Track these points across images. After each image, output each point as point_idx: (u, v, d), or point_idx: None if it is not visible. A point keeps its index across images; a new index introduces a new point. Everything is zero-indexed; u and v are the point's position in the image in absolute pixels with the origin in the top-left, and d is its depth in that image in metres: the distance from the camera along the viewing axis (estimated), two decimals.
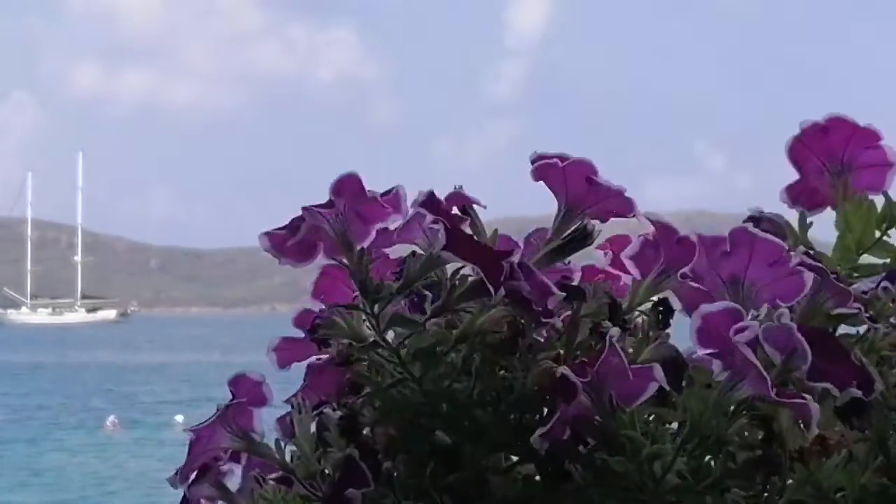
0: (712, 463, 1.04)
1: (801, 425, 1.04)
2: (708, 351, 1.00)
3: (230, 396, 1.14)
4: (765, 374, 0.97)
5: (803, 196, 1.26)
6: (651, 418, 1.07)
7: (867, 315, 1.09)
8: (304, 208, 1.08)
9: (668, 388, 1.03)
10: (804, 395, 0.98)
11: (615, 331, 1.02)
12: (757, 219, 1.21)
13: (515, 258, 1.07)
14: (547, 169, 1.15)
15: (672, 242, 1.11)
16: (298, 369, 1.21)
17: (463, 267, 1.08)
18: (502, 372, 1.09)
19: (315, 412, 1.14)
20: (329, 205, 1.09)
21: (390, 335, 1.09)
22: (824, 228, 1.26)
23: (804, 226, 1.23)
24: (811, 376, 0.99)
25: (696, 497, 1.03)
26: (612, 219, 1.17)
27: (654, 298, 1.14)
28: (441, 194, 1.13)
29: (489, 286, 1.04)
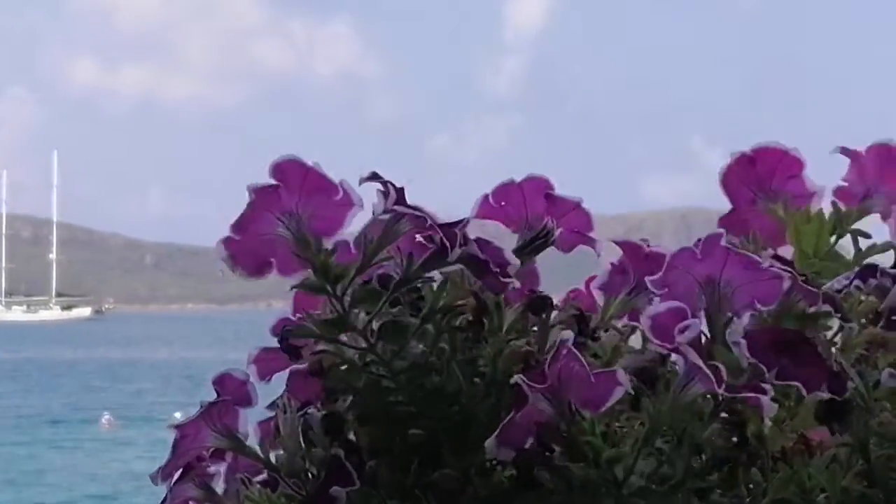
0: (675, 462, 1.04)
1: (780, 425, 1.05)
2: (665, 346, 1.01)
3: (215, 395, 1.14)
4: (707, 372, 0.98)
5: (736, 227, 1.28)
6: (622, 421, 1.07)
7: (839, 315, 1.10)
8: (250, 213, 1.07)
9: (632, 392, 1.03)
10: (761, 387, 0.99)
11: (567, 334, 1.03)
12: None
13: (466, 228, 1.08)
14: (505, 189, 1.20)
15: (640, 259, 1.13)
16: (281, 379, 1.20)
17: None
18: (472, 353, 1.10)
19: (299, 414, 1.13)
20: (276, 196, 1.06)
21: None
22: None
23: (757, 242, 1.24)
24: (780, 377, 1.00)
25: (659, 498, 1.03)
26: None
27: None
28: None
29: (446, 243, 1.05)
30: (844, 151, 1.29)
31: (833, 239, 1.26)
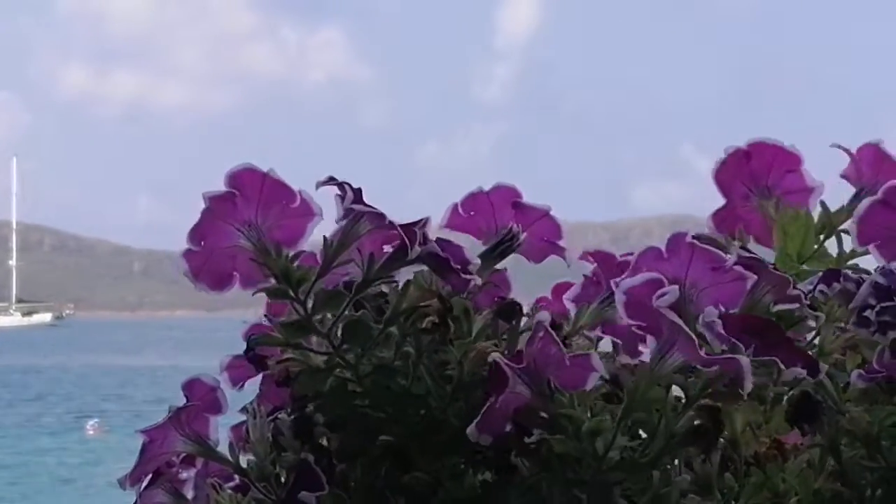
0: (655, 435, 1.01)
1: (752, 428, 1.04)
2: (637, 323, 0.99)
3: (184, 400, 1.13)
4: (691, 334, 0.95)
5: (727, 222, 1.27)
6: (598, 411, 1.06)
7: (808, 304, 1.09)
8: (203, 225, 1.06)
9: (607, 377, 1.03)
10: (738, 359, 0.96)
11: (544, 315, 1.02)
12: (695, 237, 1.22)
13: (427, 228, 1.08)
14: (473, 199, 1.21)
15: (612, 268, 1.13)
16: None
17: None
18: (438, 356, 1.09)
19: (270, 418, 1.13)
20: (232, 205, 1.06)
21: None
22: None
23: (743, 240, 1.24)
24: (757, 354, 0.97)
25: (639, 471, 1.01)
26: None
27: None
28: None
29: (406, 241, 1.05)
30: (841, 148, 1.29)
31: (821, 238, 1.26)
